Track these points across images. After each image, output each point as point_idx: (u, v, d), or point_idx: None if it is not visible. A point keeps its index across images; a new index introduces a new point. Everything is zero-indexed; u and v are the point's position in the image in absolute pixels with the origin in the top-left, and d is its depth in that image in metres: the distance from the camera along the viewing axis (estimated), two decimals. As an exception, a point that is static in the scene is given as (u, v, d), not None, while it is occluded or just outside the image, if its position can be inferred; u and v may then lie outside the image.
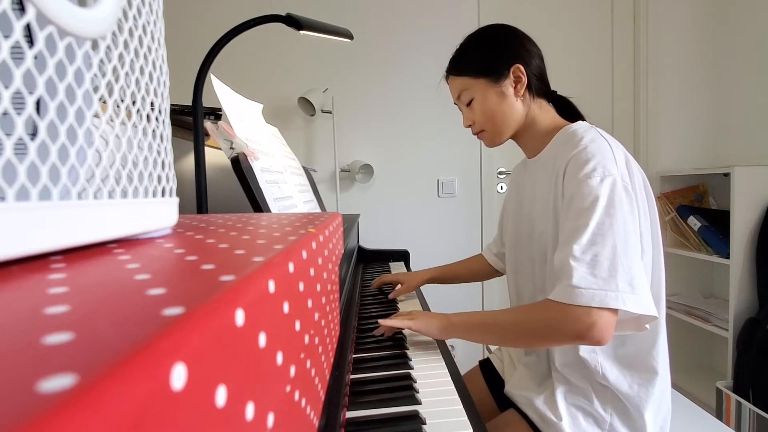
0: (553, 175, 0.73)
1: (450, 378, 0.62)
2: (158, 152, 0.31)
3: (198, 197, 0.82)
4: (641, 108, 2.10)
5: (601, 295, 0.59)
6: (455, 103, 0.86)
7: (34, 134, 0.19)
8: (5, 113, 0.17)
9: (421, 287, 1.12)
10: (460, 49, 0.83)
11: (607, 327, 0.60)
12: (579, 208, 0.65)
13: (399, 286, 1.08)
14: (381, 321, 0.77)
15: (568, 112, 0.84)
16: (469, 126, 0.84)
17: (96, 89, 0.24)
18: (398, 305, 1.03)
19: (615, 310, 0.60)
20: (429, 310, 0.96)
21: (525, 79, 0.78)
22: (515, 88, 0.78)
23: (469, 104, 0.82)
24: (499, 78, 0.78)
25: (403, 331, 0.81)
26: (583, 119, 0.82)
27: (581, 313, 0.60)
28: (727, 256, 1.67)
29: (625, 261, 0.61)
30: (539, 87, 0.81)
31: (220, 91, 0.81)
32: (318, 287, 0.31)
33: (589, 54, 2.11)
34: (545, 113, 0.82)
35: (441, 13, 2.06)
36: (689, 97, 2.09)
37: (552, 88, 0.85)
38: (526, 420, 0.77)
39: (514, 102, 0.79)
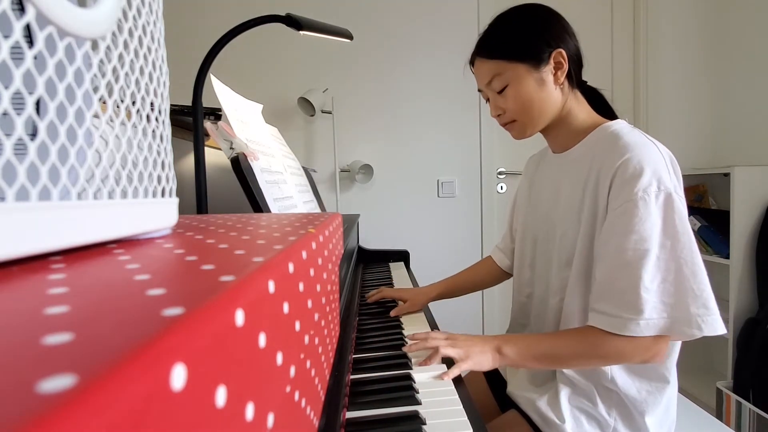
0: (587, 176, 0.70)
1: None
2: (158, 152, 0.31)
3: (198, 197, 0.82)
4: (641, 108, 2.10)
5: (672, 324, 0.60)
6: (480, 90, 0.79)
7: (33, 134, 0.19)
8: (5, 113, 0.17)
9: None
10: (491, 29, 0.75)
11: (666, 348, 0.63)
12: (639, 232, 0.61)
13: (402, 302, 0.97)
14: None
15: (600, 106, 0.79)
16: (498, 116, 0.77)
17: (96, 89, 0.24)
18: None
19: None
20: (435, 323, 0.89)
21: (566, 66, 0.72)
22: (555, 75, 0.72)
23: (501, 91, 0.74)
24: (539, 63, 0.71)
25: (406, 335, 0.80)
26: (615, 116, 0.77)
27: (649, 344, 0.61)
28: (727, 256, 1.67)
29: (694, 283, 0.60)
30: (578, 76, 0.75)
31: (220, 91, 0.81)
32: (318, 287, 0.31)
33: (589, 54, 2.09)
34: (581, 106, 0.76)
35: (441, 13, 2.06)
36: (689, 97, 2.09)
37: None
38: (528, 421, 0.77)
39: (552, 90, 0.73)
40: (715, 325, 0.59)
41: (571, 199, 0.73)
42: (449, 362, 0.66)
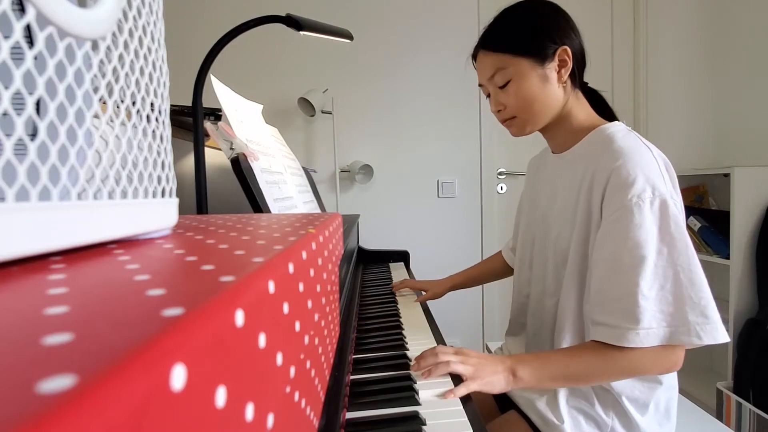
0: (583, 178, 0.69)
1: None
2: (158, 153, 0.31)
3: (198, 198, 0.82)
4: (641, 108, 2.10)
5: (671, 334, 0.59)
6: (481, 85, 0.77)
7: (34, 135, 0.19)
8: (5, 113, 0.17)
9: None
10: (497, 22, 0.74)
11: (682, 355, 0.61)
12: (634, 238, 0.60)
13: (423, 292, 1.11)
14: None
15: (600, 107, 0.78)
16: (498, 111, 0.76)
17: (96, 90, 0.24)
18: (397, 299, 1.07)
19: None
20: (435, 323, 0.90)
21: (570, 64, 0.70)
22: (559, 72, 0.71)
23: (503, 87, 0.73)
24: (544, 59, 0.70)
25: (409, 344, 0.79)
26: (616, 118, 0.76)
27: (661, 353, 0.60)
28: (727, 257, 1.67)
29: (692, 291, 0.59)
30: (580, 76, 0.74)
31: (220, 91, 0.81)
32: (318, 288, 0.31)
33: (589, 54, 2.10)
34: (582, 107, 0.75)
35: (441, 13, 2.06)
36: (689, 97, 2.09)
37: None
38: (527, 421, 0.77)
39: (555, 88, 0.71)
40: (714, 333, 0.58)
41: (567, 200, 0.73)
42: (456, 380, 0.62)
